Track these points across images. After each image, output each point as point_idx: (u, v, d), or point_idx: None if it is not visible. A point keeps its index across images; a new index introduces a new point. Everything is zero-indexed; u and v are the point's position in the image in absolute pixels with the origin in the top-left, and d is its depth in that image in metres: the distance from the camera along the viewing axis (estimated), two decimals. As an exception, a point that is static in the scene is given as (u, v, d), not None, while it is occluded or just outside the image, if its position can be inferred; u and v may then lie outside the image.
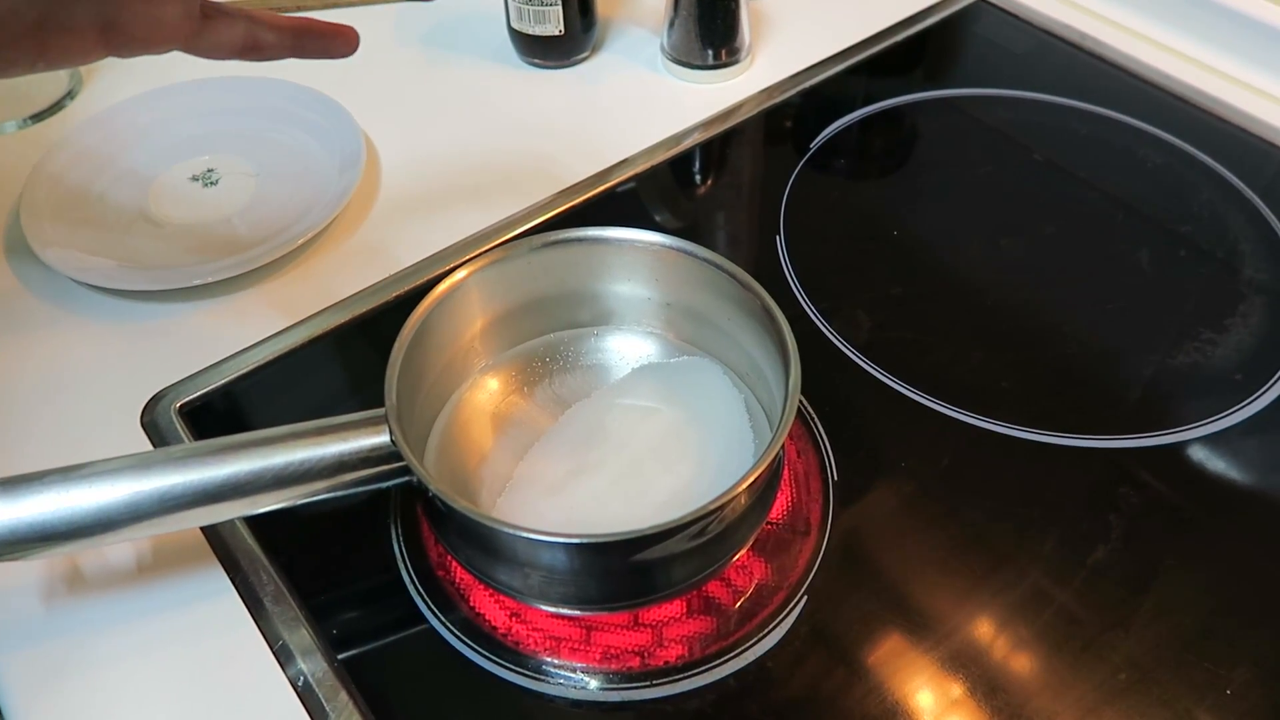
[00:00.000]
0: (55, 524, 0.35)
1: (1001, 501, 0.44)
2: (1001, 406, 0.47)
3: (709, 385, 0.44)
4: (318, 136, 0.61)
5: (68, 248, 0.54)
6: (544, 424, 0.44)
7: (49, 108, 0.65)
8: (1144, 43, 0.67)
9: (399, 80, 0.67)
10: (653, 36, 0.68)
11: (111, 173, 0.60)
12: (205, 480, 0.36)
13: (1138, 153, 0.61)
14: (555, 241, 0.43)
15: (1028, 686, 0.38)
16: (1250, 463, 0.45)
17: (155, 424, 0.47)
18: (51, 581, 0.42)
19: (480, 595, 0.41)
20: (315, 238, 0.55)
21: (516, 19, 0.65)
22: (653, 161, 0.60)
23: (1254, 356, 0.49)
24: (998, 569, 0.42)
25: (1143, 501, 0.44)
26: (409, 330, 0.40)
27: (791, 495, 0.44)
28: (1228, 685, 0.38)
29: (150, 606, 0.41)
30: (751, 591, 0.41)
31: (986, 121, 0.64)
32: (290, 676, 0.39)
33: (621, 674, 0.39)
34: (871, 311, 0.52)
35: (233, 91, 0.63)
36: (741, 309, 0.42)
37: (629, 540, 0.35)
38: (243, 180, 0.59)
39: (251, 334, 0.51)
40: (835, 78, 0.66)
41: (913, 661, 0.39)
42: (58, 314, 0.53)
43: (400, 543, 0.43)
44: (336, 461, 0.37)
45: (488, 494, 0.41)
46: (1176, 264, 0.54)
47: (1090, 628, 0.40)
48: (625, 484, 0.41)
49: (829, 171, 0.61)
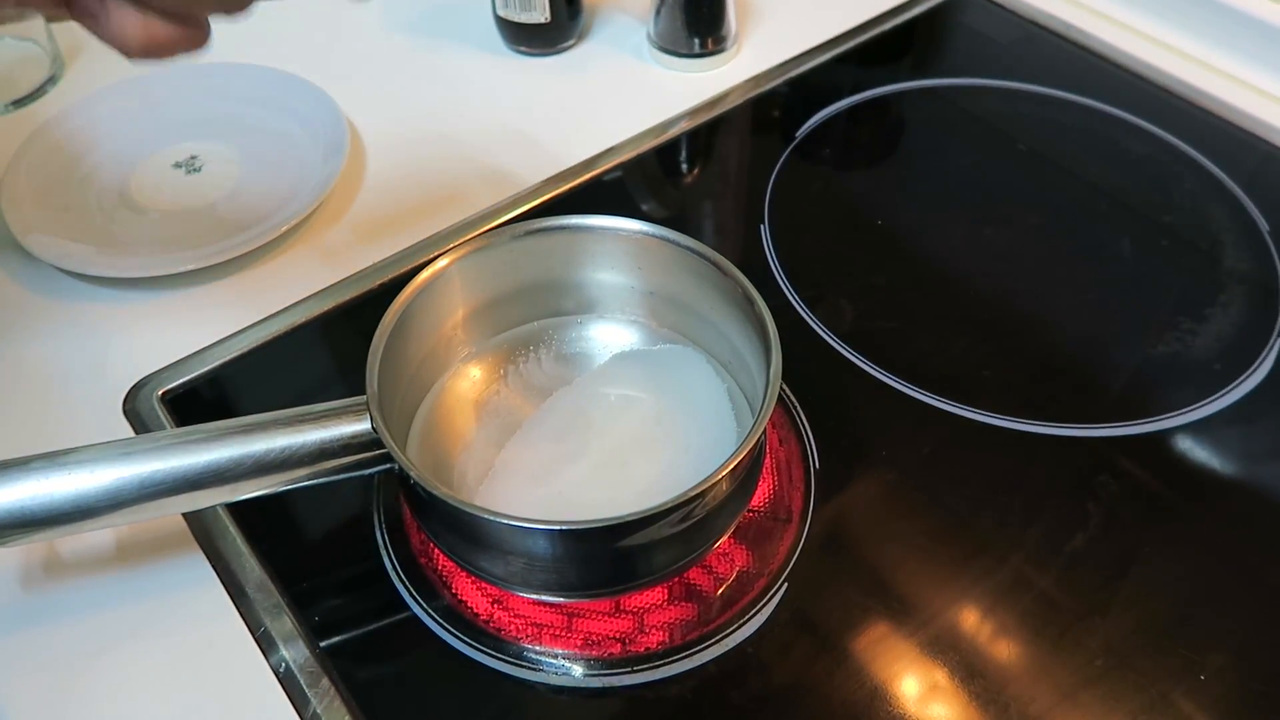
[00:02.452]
0: (35, 510, 0.35)
1: (982, 489, 0.44)
2: (983, 395, 0.47)
3: (692, 373, 0.44)
4: (301, 123, 0.60)
5: (49, 234, 0.54)
6: (526, 412, 0.44)
7: (31, 93, 0.64)
8: (1129, 34, 0.67)
9: (384, 67, 0.67)
10: (639, 24, 0.68)
11: (94, 159, 0.59)
12: (185, 467, 0.36)
13: (1121, 143, 0.61)
14: (537, 230, 0.43)
15: (1006, 672, 0.39)
16: (1227, 452, 0.46)
17: (137, 411, 0.47)
18: (30, 568, 0.42)
19: (462, 582, 0.41)
20: (299, 225, 0.55)
21: (502, 6, 0.65)
22: (639, 150, 0.60)
23: (1233, 346, 0.50)
24: (977, 556, 0.42)
25: (1121, 490, 0.44)
26: (390, 318, 0.40)
27: (773, 483, 0.44)
28: (1202, 670, 0.38)
29: (131, 594, 0.41)
30: (733, 578, 0.41)
31: (972, 111, 0.64)
32: (272, 664, 0.39)
33: (603, 660, 0.39)
34: (855, 300, 0.52)
35: (216, 78, 0.63)
36: (723, 297, 0.42)
37: (610, 527, 0.35)
38: (226, 167, 0.59)
39: (234, 321, 0.51)
40: (821, 67, 0.66)
41: (893, 647, 0.39)
42: (39, 301, 0.52)
43: (382, 530, 0.43)
44: (317, 449, 0.37)
45: (470, 481, 0.41)
46: (1158, 254, 0.54)
47: (1068, 614, 0.40)
48: (607, 472, 0.41)
49: (814, 160, 0.61)
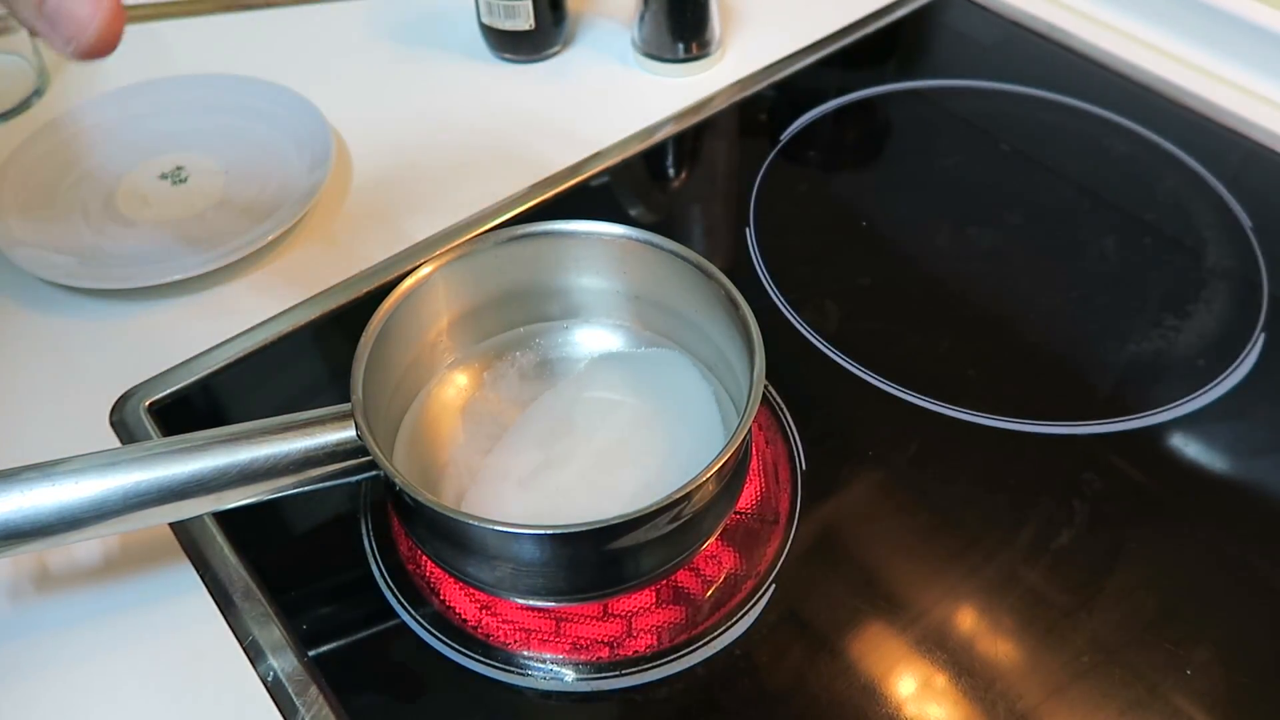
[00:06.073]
0: (20, 523, 0.35)
1: (968, 488, 0.44)
2: (968, 395, 0.47)
3: (677, 377, 0.44)
4: (287, 133, 0.61)
5: (35, 246, 0.54)
6: (512, 417, 0.44)
7: (15, 106, 0.64)
8: (1111, 33, 0.67)
9: (369, 76, 0.67)
10: (623, 30, 0.69)
11: (79, 171, 0.59)
12: (170, 477, 0.36)
13: (1103, 142, 0.61)
14: (521, 235, 0.43)
15: (994, 669, 0.39)
16: (1211, 447, 0.46)
17: (124, 423, 0.47)
18: (18, 580, 0.42)
19: (451, 589, 0.41)
20: (284, 235, 0.55)
21: (487, 14, 0.65)
22: (625, 154, 0.60)
23: (1217, 342, 0.50)
24: (964, 555, 0.42)
25: (1107, 486, 0.44)
26: (375, 325, 0.40)
27: (760, 484, 0.44)
28: (1188, 665, 0.39)
29: (119, 604, 0.41)
30: (721, 581, 0.41)
31: (955, 112, 0.64)
32: (260, 673, 0.39)
33: (592, 664, 0.39)
34: (840, 301, 0.52)
35: (201, 89, 0.63)
36: (707, 300, 0.42)
37: (596, 530, 0.35)
38: (212, 178, 0.59)
39: (221, 331, 0.51)
40: (805, 70, 0.66)
41: (880, 646, 0.39)
42: (25, 313, 0.52)
43: (370, 538, 0.43)
44: (303, 457, 0.37)
45: (456, 488, 0.41)
46: (1141, 251, 0.55)
47: (1055, 611, 0.40)
48: (593, 476, 0.41)
49: (799, 163, 0.61)
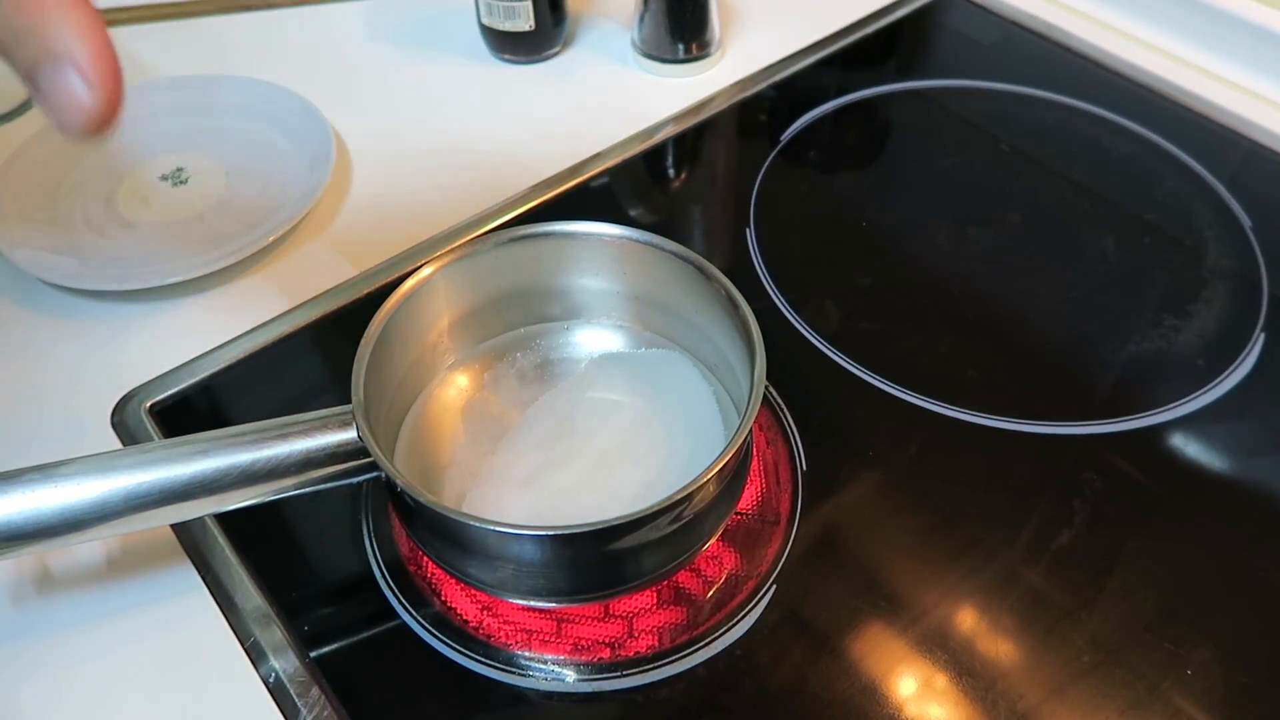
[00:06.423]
0: (22, 524, 0.35)
1: (968, 488, 0.44)
2: (968, 395, 0.47)
3: (678, 377, 0.44)
4: (287, 134, 0.61)
5: (36, 248, 0.54)
6: (513, 418, 0.44)
7: (16, 108, 0.64)
8: (1110, 33, 0.67)
9: (369, 77, 0.67)
10: (623, 30, 0.69)
11: (80, 173, 0.59)
12: (172, 478, 0.36)
13: (1103, 142, 0.61)
14: (521, 236, 0.43)
15: (995, 668, 0.39)
16: (1211, 447, 0.46)
17: (125, 424, 0.47)
18: (20, 581, 0.42)
19: (452, 589, 0.41)
20: (285, 236, 0.55)
21: (487, 14, 0.65)
22: (625, 155, 0.60)
23: (1217, 342, 0.50)
24: (965, 555, 0.42)
25: (1106, 486, 0.44)
26: (376, 326, 0.40)
27: (761, 485, 0.44)
28: (1188, 665, 0.39)
29: (120, 605, 0.41)
30: (722, 581, 0.41)
31: (955, 112, 0.64)
32: (262, 674, 0.39)
33: (593, 665, 0.39)
34: (840, 302, 0.52)
35: (201, 90, 0.63)
36: (707, 300, 0.42)
37: (598, 531, 0.35)
38: (212, 179, 0.59)
39: (222, 333, 0.51)
40: (805, 71, 0.66)
41: (881, 646, 0.39)
42: (26, 315, 0.52)
43: (371, 539, 0.43)
44: (303, 458, 0.37)
45: (457, 488, 0.41)
46: (1141, 251, 0.55)
47: (1055, 611, 0.40)
48: (595, 477, 0.41)
49: (799, 163, 0.61)
